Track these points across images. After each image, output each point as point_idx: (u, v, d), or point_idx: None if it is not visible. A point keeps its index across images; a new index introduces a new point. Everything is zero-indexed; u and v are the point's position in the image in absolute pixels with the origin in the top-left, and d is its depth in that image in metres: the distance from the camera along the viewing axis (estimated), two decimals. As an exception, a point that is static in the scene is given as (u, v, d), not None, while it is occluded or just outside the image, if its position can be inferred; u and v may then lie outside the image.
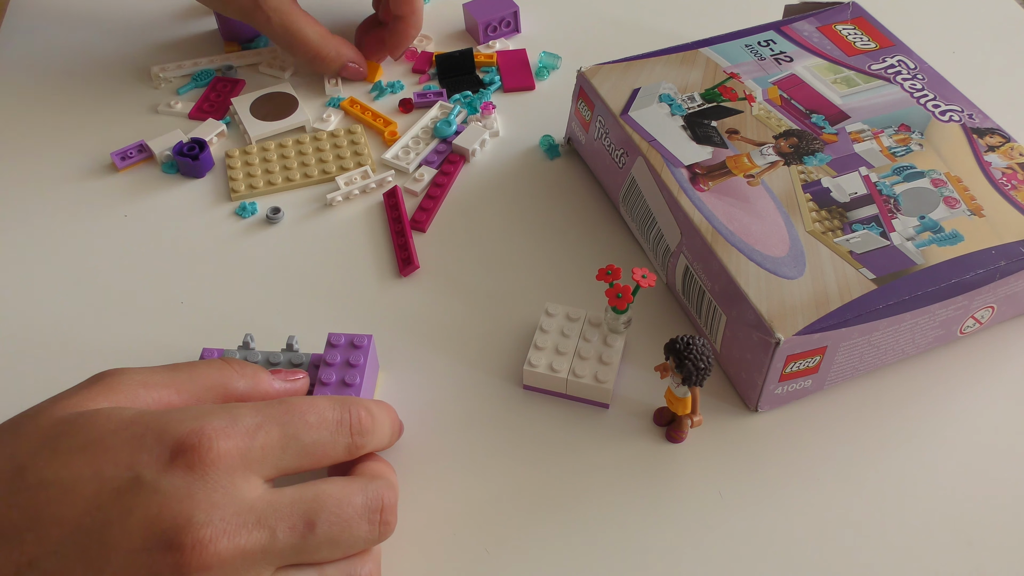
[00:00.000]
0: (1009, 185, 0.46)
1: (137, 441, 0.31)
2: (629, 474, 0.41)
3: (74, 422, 0.32)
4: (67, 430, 0.32)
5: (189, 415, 0.33)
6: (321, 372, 0.41)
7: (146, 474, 0.30)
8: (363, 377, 0.41)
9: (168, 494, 0.30)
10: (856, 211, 0.45)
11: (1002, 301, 0.44)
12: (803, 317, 0.40)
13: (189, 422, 0.32)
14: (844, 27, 0.56)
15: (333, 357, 0.41)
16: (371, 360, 0.43)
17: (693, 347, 0.38)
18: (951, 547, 0.39)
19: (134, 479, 0.30)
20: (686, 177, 0.47)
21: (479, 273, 0.50)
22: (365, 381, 0.41)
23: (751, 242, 0.43)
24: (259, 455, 0.33)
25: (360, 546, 0.34)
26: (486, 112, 0.59)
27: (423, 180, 0.55)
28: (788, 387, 0.42)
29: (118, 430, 0.32)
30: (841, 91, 0.51)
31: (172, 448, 0.31)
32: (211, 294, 0.49)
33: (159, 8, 0.69)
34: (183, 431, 0.31)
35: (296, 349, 0.44)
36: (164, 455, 0.31)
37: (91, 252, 0.51)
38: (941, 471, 0.41)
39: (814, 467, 0.41)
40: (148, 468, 0.30)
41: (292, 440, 0.34)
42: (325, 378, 0.41)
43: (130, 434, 0.31)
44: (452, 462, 0.42)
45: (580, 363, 0.43)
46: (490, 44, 0.64)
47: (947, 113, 0.50)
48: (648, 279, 0.42)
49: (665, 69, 0.53)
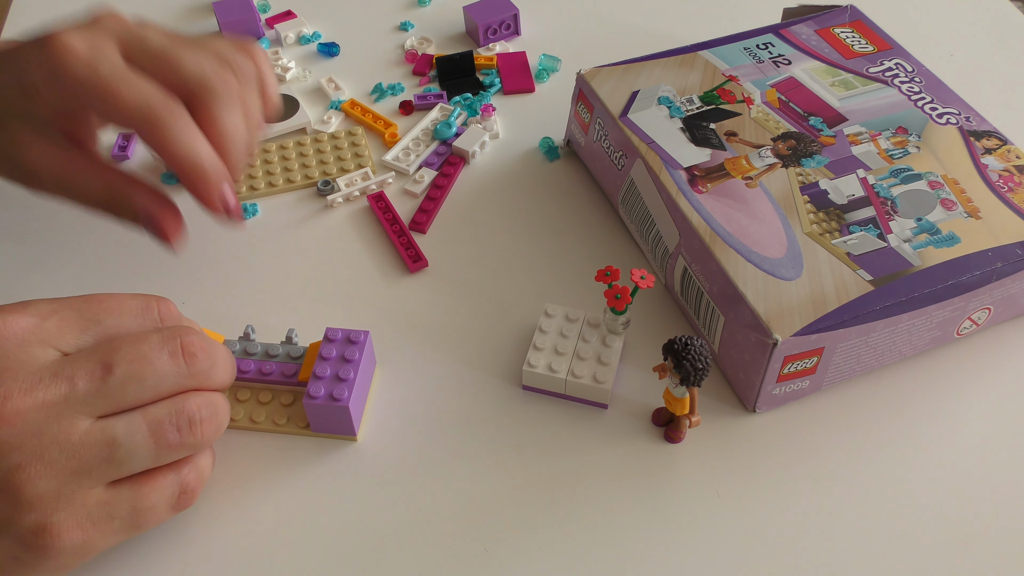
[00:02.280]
0: (1006, 187, 0.46)
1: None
2: (627, 474, 0.41)
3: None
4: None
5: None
6: (316, 366, 0.41)
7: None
8: (357, 372, 0.41)
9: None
10: (853, 213, 0.45)
11: (999, 303, 0.44)
12: (801, 318, 0.40)
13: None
14: (842, 30, 0.56)
15: (329, 352, 0.42)
16: (367, 356, 0.43)
17: (691, 348, 0.38)
18: (947, 547, 0.39)
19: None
20: (685, 179, 0.47)
21: (479, 274, 0.50)
22: (360, 377, 0.42)
23: (749, 244, 0.44)
24: (55, 331, 0.34)
25: (171, 382, 0.35)
26: (486, 114, 0.59)
27: (423, 182, 0.55)
28: (786, 388, 0.43)
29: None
30: (839, 94, 0.52)
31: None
32: (211, 293, 0.49)
33: (160, 9, 0.69)
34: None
35: (295, 342, 0.44)
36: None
37: (92, 252, 0.52)
38: (938, 471, 0.41)
39: (811, 467, 0.42)
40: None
41: (91, 323, 0.35)
42: (320, 372, 0.41)
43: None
44: (451, 462, 0.42)
45: (579, 363, 0.43)
46: (490, 47, 0.64)
47: (944, 116, 0.50)
48: (647, 280, 0.43)
49: (664, 72, 0.53)
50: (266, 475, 0.42)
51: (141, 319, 0.36)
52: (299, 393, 0.44)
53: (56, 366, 0.33)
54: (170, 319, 0.37)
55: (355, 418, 0.42)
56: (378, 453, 0.42)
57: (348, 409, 0.40)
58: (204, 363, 0.36)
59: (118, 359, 0.33)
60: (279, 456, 0.42)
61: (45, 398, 0.32)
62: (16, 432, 0.31)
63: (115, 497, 0.34)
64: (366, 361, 0.43)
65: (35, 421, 0.32)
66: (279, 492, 0.41)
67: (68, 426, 0.32)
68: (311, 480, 0.41)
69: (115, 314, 0.36)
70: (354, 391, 0.41)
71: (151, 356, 0.34)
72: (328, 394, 0.40)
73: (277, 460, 0.42)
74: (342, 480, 0.41)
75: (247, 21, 0.64)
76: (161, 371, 0.34)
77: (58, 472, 0.32)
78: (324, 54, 0.65)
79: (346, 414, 0.41)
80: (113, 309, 0.36)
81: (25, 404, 0.32)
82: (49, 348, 0.34)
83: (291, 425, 0.43)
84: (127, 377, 0.33)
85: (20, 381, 0.32)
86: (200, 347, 0.36)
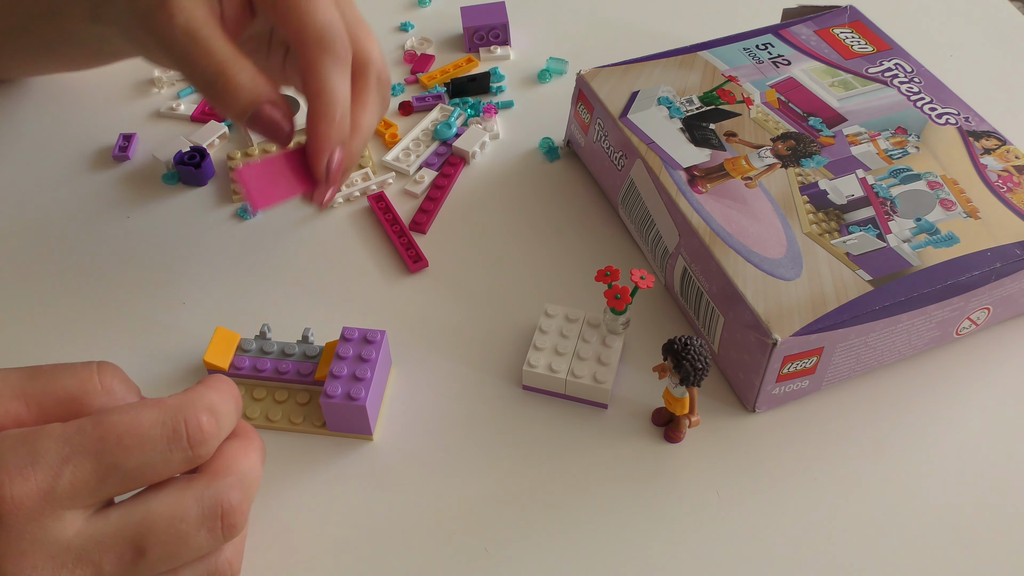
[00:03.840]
0: (1005, 188, 0.46)
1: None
2: (627, 474, 0.42)
3: None
4: None
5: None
6: (333, 365, 0.41)
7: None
8: (374, 372, 0.41)
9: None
10: (853, 213, 0.45)
11: (998, 302, 0.44)
12: (800, 318, 0.40)
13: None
14: (841, 31, 0.56)
15: (346, 351, 0.42)
16: (383, 356, 0.43)
17: (691, 348, 0.38)
18: (947, 547, 0.39)
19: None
20: (684, 179, 0.47)
21: (479, 274, 0.50)
22: (376, 376, 0.42)
23: (749, 244, 0.44)
24: (68, 492, 0.29)
25: (204, 552, 0.32)
26: (486, 115, 0.59)
27: (423, 182, 0.55)
28: (785, 388, 0.43)
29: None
30: (838, 94, 0.52)
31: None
32: (211, 293, 0.49)
33: (161, 11, 0.69)
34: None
35: (311, 341, 0.44)
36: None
37: (93, 252, 0.52)
38: (937, 471, 0.41)
39: (811, 467, 0.42)
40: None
41: (111, 470, 0.30)
42: (337, 371, 0.41)
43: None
44: (452, 461, 0.42)
45: (579, 364, 0.43)
46: (491, 50, 0.64)
47: (943, 116, 0.50)
48: (646, 280, 0.43)
49: (664, 72, 0.53)
50: (282, 473, 0.42)
51: (166, 452, 0.31)
52: (315, 392, 0.44)
53: (79, 548, 0.29)
54: (201, 442, 0.32)
55: (371, 417, 0.42)
56: (392, 453, 0.42)
57: (365, 409, 0.41)
58: (239, 528, 0.32)
59: (151, 542, 0.30)
60: (294, 455, 0.42)
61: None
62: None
63: None
64: (383, 361, 0.43)
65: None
66: (294, 490, 0.41)
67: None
68: (324, 479, 0.42)
69: (136, 452, 0.30)
70: (371, 391, 0.41)
71: (188, 536, 0.31)
72: (346, 393, 0.41)
73: (292, 459, 0.42)
74: (355, 479, 0.41)
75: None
76: (195, 548, 0.31)
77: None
78: (324, 55, 0.65)
79: (363, 413, 0.41)
80: (132, 447, 0.30)
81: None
82: (65, 514, 0.29)
83: (307, 424, 0.43)
84: (159, 559, 0.30)
85: (40, 569, 0.28)
86: (240, 512, 0.32)
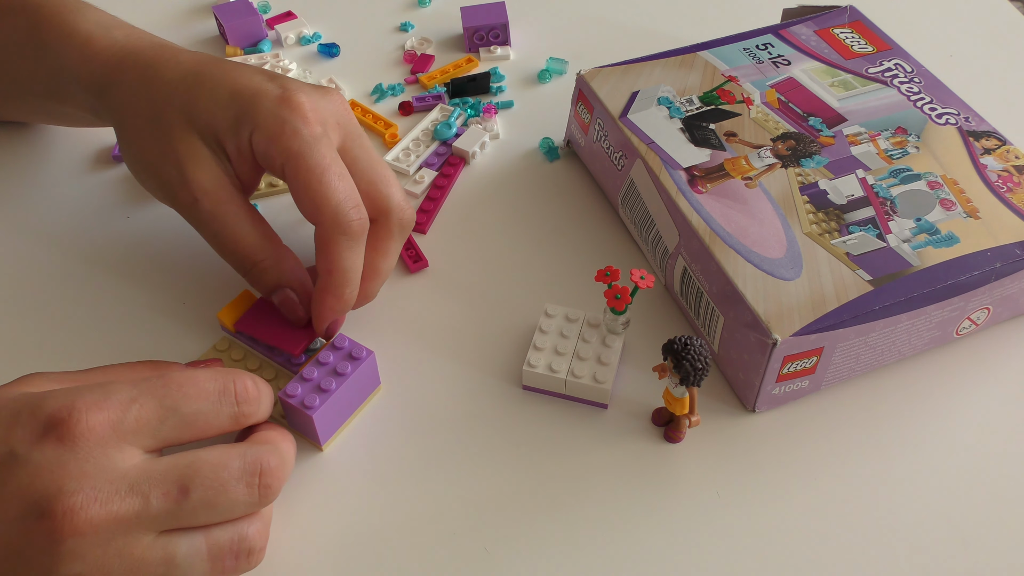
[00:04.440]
0: (1005, 188, 0.46)
1: (13, 418, 0.32)
2: (627, 474, 0.42)
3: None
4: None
5: (65, 392, 0.33)
6: (305, 370, 0.41)
7: (19, 448, 0.32)
8: (341, 388, 0.41)
9: (39, 466, 0.31)
10: (853, 213, 0.45)
11: (998, 303, 0.44)
12: (800, 318, 0.40)
13: (62, 398, 0.33)
14: (841, 31, 0.56)
15: (327, 358, 0.41)
16: (362, 374, 0.42)
17: (691, 347, 0.38)
18: (947, 547, 0.39)
19: (8, 453, 0.32)
20: (684, 179, 0.47)
21: (479, 274, 0.50)
22: (343, 393, 0.41)
23: (749, 244, 0.44)
24: (133, 426, 0.33)
25: (241, 510, 0.35)
26: (486, 115, 0.59)
27: (423, 182, 0.55)
28: (785, 388, 0.43)
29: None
30: (838, 94, 0.52)
31: (44, 423, 0.32)
32: (211, 292, 0.49)
33: (160, 11, 0.69)
34: (55, 406, 0.32)
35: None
36: (37, 430, 0.32)
37: (93, 252, 0.52)
38: (937, 471, 0.41)
39: (811, 467, 0.42)
40: (21, 443, 0.32)
41: (170, 412, 0.34)
42: (307, 375, 0.41)
43: (8, 412, 0.33)
44: (452, 461, 0.42)
45: (579, 364, 0.43)
46: (491, 50, 0.64)
47: (943, 116, 0.50)
48: (646, 280, 0.43)
49: (664, 72, 0.53)
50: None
51: (217, 404, 0.36)
52: (282, 372, 0.44)
53: (133, 478, 0.32)
54: (246, 400, 0.37)
55: (322, 430, 0.41)
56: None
57: (313, 420, 0.40)
58: (274, 491, 0.35)
59: (196, 484, 0.33)
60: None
61: (118, 512, 0.31)
62: (84, 543, 0.31)
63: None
64: (360, 379, 0.42)
65: (104, 534, 0.31)
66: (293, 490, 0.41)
67: (133, 540, 0.32)
68: (324, 479, 0.42)
69: (193, 400, 0.35)
70: (329, 404, 0.40)
71: (228, 486, 0.34)
72: (302, 399, 0.40)
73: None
74: (356, 480, 0.41)
75: (248, 23, 0.65)
76: (234, 500, 0.34)
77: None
78: (324, 55, 0.65)
79: (311, 424, 0.40)
80: (191, 395, 0.35)
81: (99, 516, 0.31)
82: (127, 447, 0.33)
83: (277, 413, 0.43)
84: (201, 503, 0.33)
85: (98, 491, 0.31)
86: (276, 476, 0.35)
